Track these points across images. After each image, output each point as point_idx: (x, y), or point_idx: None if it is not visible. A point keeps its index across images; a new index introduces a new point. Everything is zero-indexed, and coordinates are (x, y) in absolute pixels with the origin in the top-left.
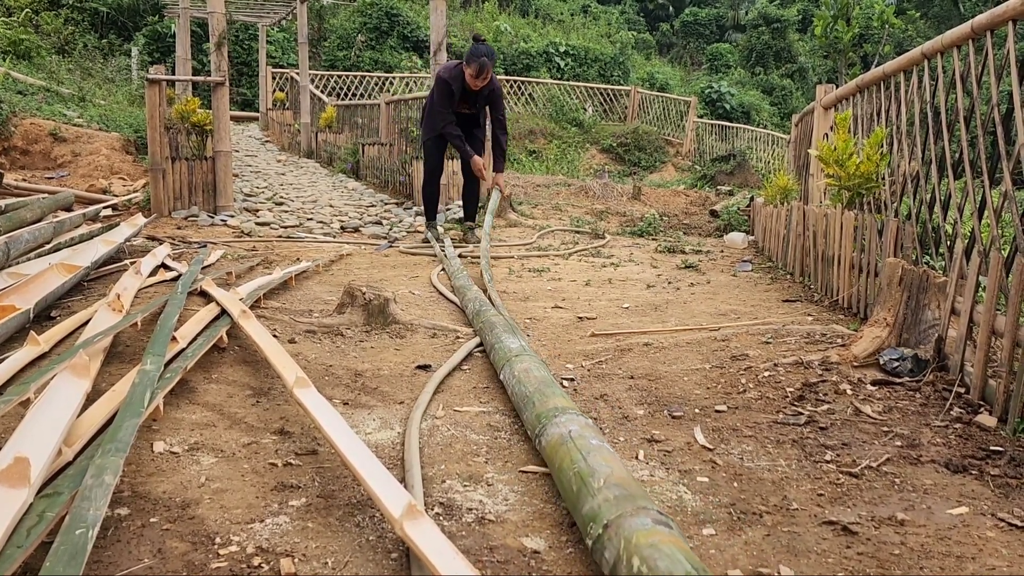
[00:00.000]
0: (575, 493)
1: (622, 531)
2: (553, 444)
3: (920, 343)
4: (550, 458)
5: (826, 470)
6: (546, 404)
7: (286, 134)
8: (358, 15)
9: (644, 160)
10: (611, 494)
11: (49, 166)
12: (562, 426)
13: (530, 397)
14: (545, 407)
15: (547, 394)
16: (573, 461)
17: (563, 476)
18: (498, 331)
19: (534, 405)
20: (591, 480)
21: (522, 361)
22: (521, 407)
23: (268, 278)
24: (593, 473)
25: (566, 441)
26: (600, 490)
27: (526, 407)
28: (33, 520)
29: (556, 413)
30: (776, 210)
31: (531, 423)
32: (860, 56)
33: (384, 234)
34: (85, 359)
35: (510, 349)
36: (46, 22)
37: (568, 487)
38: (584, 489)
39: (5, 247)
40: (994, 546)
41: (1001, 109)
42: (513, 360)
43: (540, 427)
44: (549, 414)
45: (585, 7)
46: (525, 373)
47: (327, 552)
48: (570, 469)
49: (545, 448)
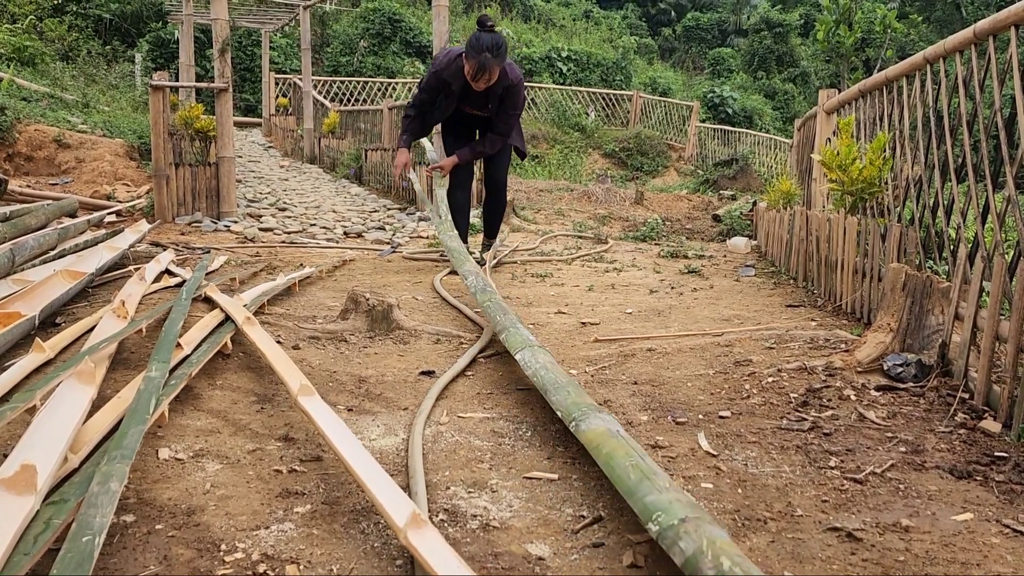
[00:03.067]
0: (634, 482)
1: (703, 532)
2: (600, 433)
3: (924, 348)
4: (595, 443)
5: (830, 476)
6: (583, 398)
7: (289, 139)
8: (361, 21)
9: (646, 165)
10: (680, 498)
11: (53, 172)
12: (608, 423)
13: (563, 386)
14: (583, 399)
15: (581, 391)
16: (629, 455)
17: (616, 463)
18: (512, 316)
19: (569, 394)
20: (655, 478)
21: (545, 353)
22: (550, 390)
23: (272, 284)
24: (656, 473)
25: (616, 435)
26: (667, 490)
27: (557, 392)
28: (40, 527)
29: (597, 410)
30: (779, 215)
31: (567, 407)
32: (862, 60)
33: (387, 239)
34: (90, 366)
35: (529, 338)
36: (50, 29)
37: (623, 475)
38: (648, 483)
39: (10, 253)
40: (999, 552)
41: (1004, 113)
42: (536, 348)
43: (580, 414)
44: (590, 407)
45: (587, 12)
46: (552, 364)
47: (332, 559)
48: (626, 460)
49: (587, 432)
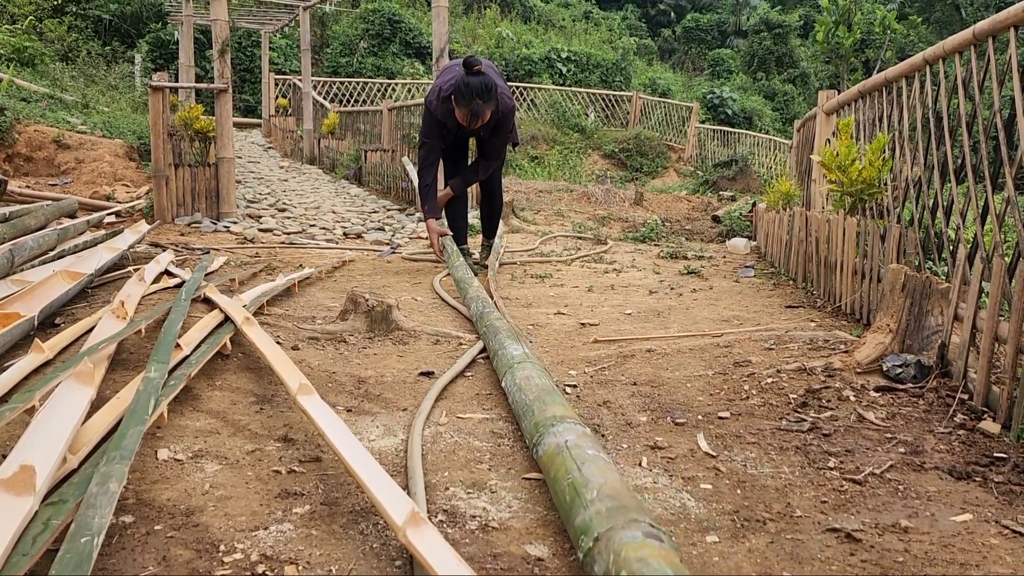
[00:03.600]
0: (568, 504)
1: (612, 544)
2: (549, 454)
3: (923, 349)
4: (546, 468)
5: (829, 477)
6: (545, 412)
7: (288, 140)
8: (360, 21)
9: (646, 165)
10: (603, 506)
11: (53, 173)
12: (559, 435)
13: (530, 405)
14: (544, 415)
15: (547, 402)
16: (567, 471)
17: (558, 487)
18: (501, 336)
19: (533, 414)
20: (584, 491)
21: (524, 368)
22: (520, 415)
23: (271, 284)
24: (587, 484)
25: (562, 451)
26: (592, 502)
27: (525, 415)
28: (39, 528)
29: (554, 422)
30: (778, 216)
31: (529, 432)
32: (862, 61)
33: (387, 240)
34: (90, 366)
35: (512, 356)
36: (50, 29)
37: (562, 498)
38: (577, 500)
39: (10, 254)
40: (998, 553)
41: (1003, 114)
42: (515, 367)
43: (538, 436)
44: (547, 423)
45: (587, 13)
46: (526, 381)
47: (331, 560)
48: (564, 480)
49: (542, 458)
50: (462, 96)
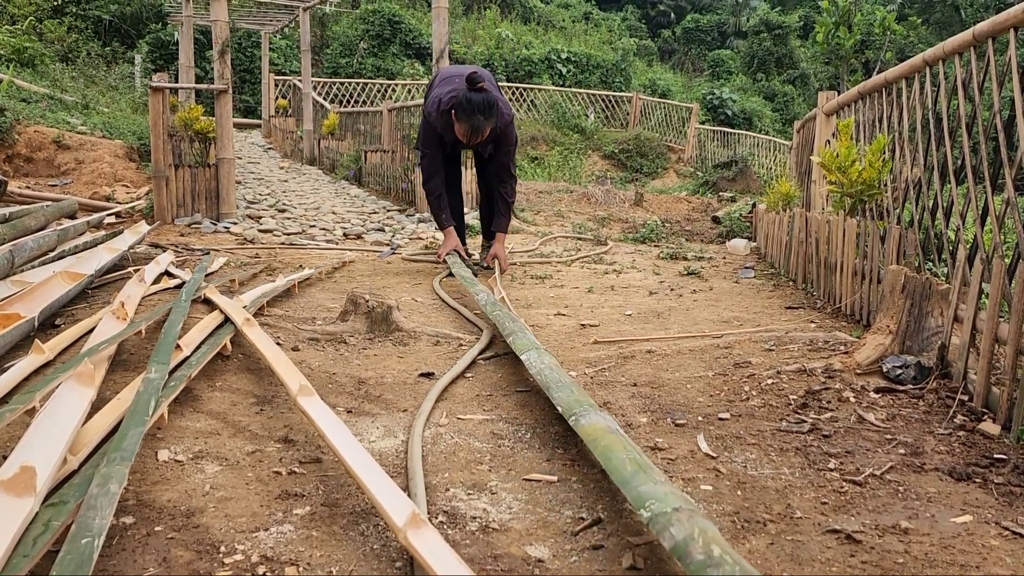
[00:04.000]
0: (630, 473)
1: (696, 522)
2: (599, 428)
3: (923, 350)
4: (593, 436)
5: (830, 478)
6: (585, 397)
7: (288, 141)
8: (360, 22)
9: (646, 166)
10: (676, 492)
11: (53, 173)
12: (607, 420)
13: (567, 385)
14: (585, 398)
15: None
16: (627, 449)
17: (613, 455)
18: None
19: (572, 392)
20: (651, 472)
21: (551, 357)
22: (552, 387)
23: (271, 285)
24: (652, 468)
25: (615, 432)
26: (662, 483)
27: (560, 389)
28: (39, 529)
29: (597, 409)
30: (778, 217)
31: (568, 403)
32: (862, 62)
33: (387, 241)
34: (90, 367)
35: (535, 342)
36: (50, 30)
37: (620, 466)
38: (643, 475)
39: (10, 255)
40: (998, 555)
41: (1003, 115)
42: (542, 351)
43: (581, 409)
44: (591, 405)
45: (587, 14)
46: (557, 365)
47: (331, 561)
48: (624, 454)
49: (586, 427)
50: (463, 112)
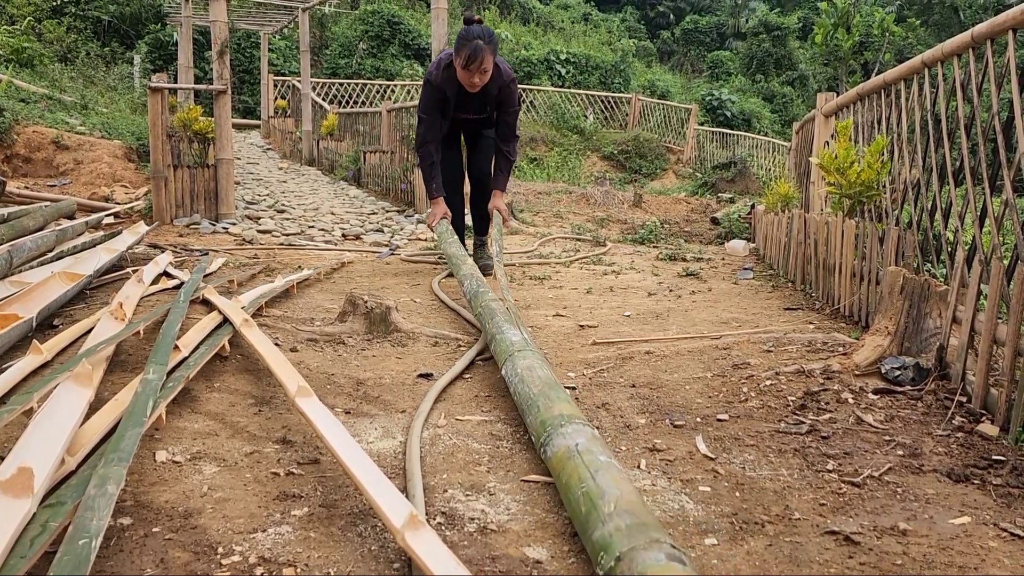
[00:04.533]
0: (584, 515)
1: (635, 566)
2: (560, 457)
3: (921, 352)
4: (556, 471)
5: (828, 479)
6: (551, 410)
7: (288, 142)
8: (360, 23)
9: (645, 167)
10: (623, 522)
11: (51, 174)
12: (569, 437)
13: (534, 400)
14: (551, 413)
15: (552, 398)
16: (581, 480)
17: (571, 495)
18: (499, 320)
19: (539, 410)
20: (601, 503)
21: (525, 357)
22: (525, 410)
23: (270, 286)
24: (603, 495)
25: (573, 456)
26: (611, 516)
27: (530, 410)
28: (36, 530)
29: (562, 422)
30: (777, 218)
31: (536, 429)
32: (860, 64)
33: (386, 242)
34: (88, 368)
35: (512, 342)
36: (49, 30)
37: (576, 507)
38: (594, 513)
39: (8, 255)
40: (996, 556)
41: (1002, 117)
42: (516, 356)
43: (546, 436)
44: (555, 422)
45: (586, 15)
46: (528, 371)
47: (329, 562)
48: (578, 488)
49: (551, 459)
50: (462, 39)
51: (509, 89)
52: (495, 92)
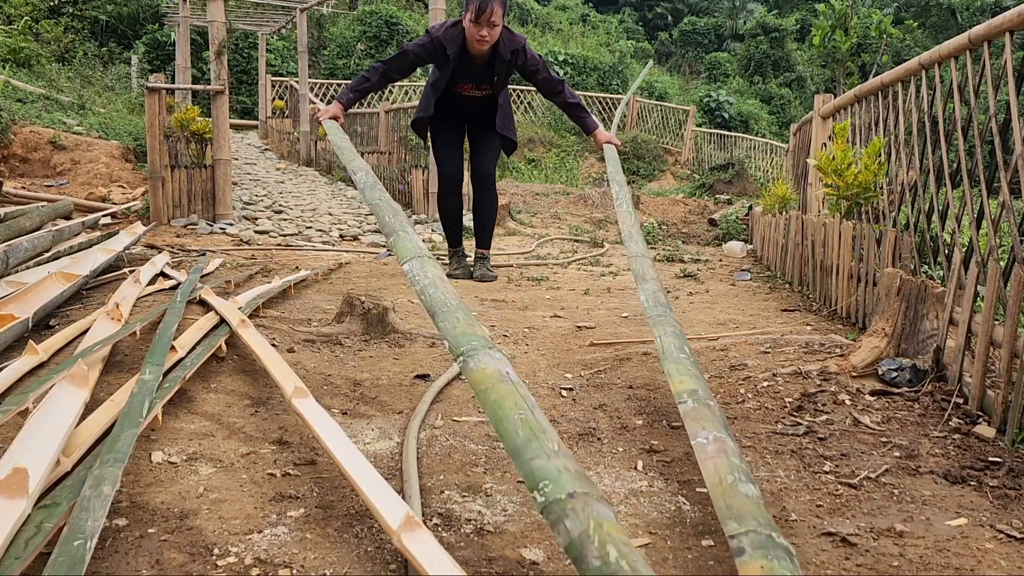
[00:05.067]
0: (521, 441)
1: (591, 511)
2: (489, 375)
3: (918, 353)
4: (482, 387)
5: (825, 481)
6: (474, 328)
7: (285, 142)
8: (358, 24)
9: (643, 169)
10: (570, 466)
11: (48, 174)
12: (499, 362)
13: (452, 310)
14: (472, 329)
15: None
16: (518, 406)
17: (504, 415)
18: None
19: (459, 321)
20: (544, 438)
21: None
22: (438, 314)
23: (267, 287)
24: (545, 432)
25: (506, 379)
26: (555, 455)
27: (446, 317)
28: (31, 531)
29: (488, 345)
30: (774, 219)
31: (455, 337)
32: (858, 65)
33: (383, 242)
34: (84, 368)
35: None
36: (46, 30)
37: (511, 430)
38: (536, 444)
39: (4, 256)
40: (993, 557)
41: (998, 119)
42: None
43: (469, 347)
44: (480, 339)
45: (584, 16)
46: (443, 281)
47: (325, 563)
48: (515, 412)
49: (474, 372)
50: None
51: (526, 53)
52: (508, 58)
